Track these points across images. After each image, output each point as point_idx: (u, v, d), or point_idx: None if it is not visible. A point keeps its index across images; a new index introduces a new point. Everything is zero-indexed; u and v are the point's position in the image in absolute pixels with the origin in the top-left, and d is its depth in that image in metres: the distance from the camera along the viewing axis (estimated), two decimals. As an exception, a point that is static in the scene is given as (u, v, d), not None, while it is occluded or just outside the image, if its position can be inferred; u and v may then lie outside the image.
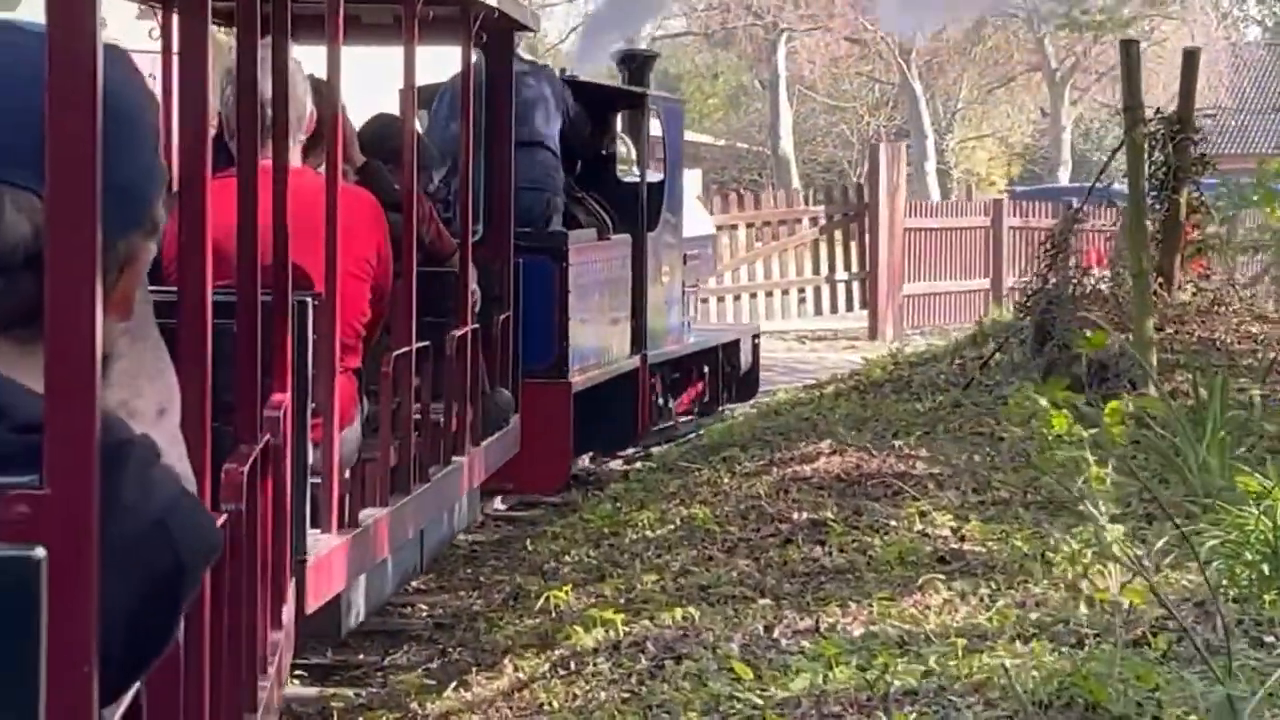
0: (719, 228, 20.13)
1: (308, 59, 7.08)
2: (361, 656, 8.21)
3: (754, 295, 22.96)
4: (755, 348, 15.23)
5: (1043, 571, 7.10)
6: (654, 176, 12.80)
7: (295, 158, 6.37)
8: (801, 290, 23.52)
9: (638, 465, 13.31)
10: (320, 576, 6.32)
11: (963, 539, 7.95)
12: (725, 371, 14.54)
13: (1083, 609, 6.01)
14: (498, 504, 11.61)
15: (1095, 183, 14.27)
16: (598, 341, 11.57)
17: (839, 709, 5.21)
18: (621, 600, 7.63)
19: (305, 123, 6.56)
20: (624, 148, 13.10)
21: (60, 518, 1.39)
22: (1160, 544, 6.61)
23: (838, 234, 23.85)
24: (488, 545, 10.60)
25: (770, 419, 12.36)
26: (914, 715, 4.97)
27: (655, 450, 13.70)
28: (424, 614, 8.93)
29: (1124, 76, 11.51)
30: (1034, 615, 6.39)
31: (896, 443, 9.85)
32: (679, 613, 6.99)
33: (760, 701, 5.48)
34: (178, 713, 2.86)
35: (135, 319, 1.93)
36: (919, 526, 8.13)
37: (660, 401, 13.13)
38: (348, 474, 6.78)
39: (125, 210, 1.81)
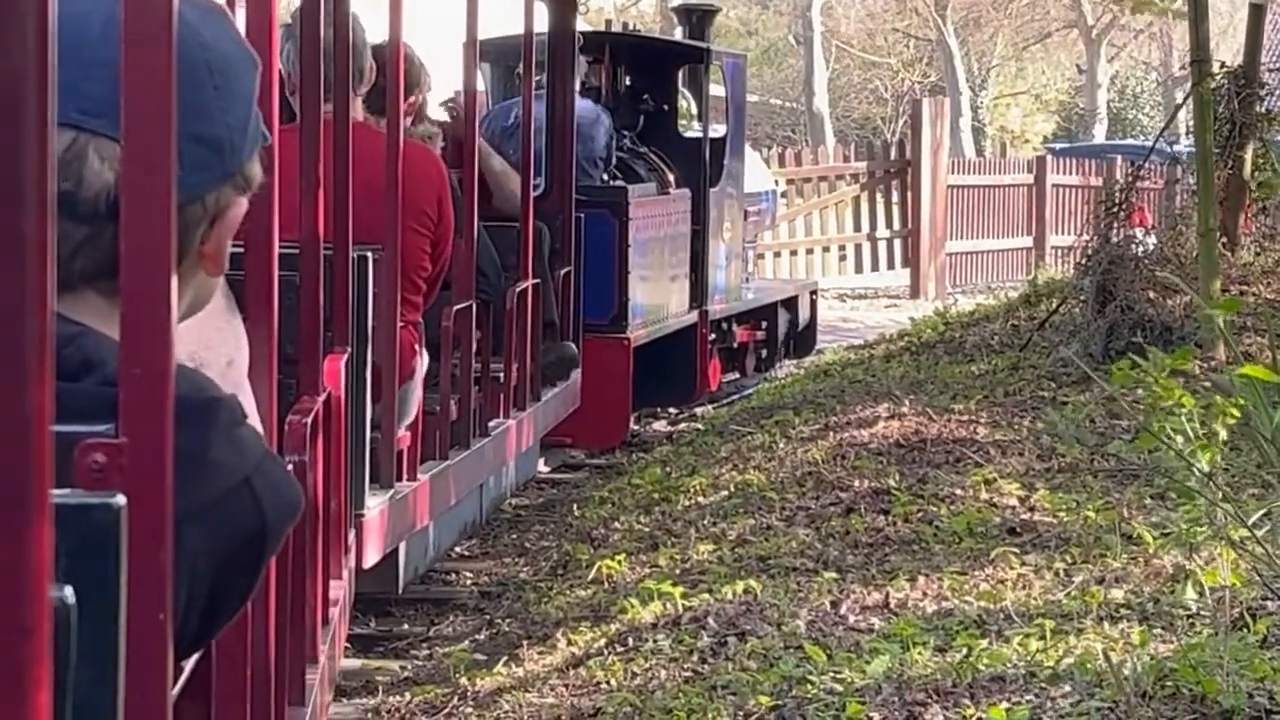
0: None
1: (371, 13, 6.96)
2: (406, 626, 7.92)
3: (794, 253, 22.61)
4: (813, 304, 15.17)
5: (1121, 546, 6.78)
6: (716, 131, 12.69)
7: (356, 112, 6.35)
8: (842, 248, 23.14)
9: (682, 427, 13.02)
10: (378, 531, 6.29)
11: (1032, 509, 7.64)
12: (784, 327, 14.46)
13: (1189, 591, 5.68)
14: (541, 466, 11.32)
15: (1158, 139, 13.89)
16: (657, 297, 11.56)
17: (923, 696, 4.90)
18: (677, 571, 7.33)
19: (365, 75, 6.50)
20: (685, 102, 13.05)
21: (136, 467, 1.38)
22: (1254, 519, 6.28)
23: (879, 191, 23.48)
24: (533, 510, 10.30)
25: (820, 380, 12.05)
26: (1005, 705, 4.66)
27: (700, 411, 13.40)
28: (469, 582, 8.64)
29: (1191, 28, 11.13)
30: (1117, 594, 6.07)
31: (956, 407, 9.53)
32: (740, 586, 6.69)
33: (837, 687, 5.18)
34: (245, 660, 2.83)
35: None
36: (985, 495, 7.82)
37: (719, 357, 13.06)
38: (407, 428, 6.73)
39: (217, 163, 1.79)
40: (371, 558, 6.26)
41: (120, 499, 1.34)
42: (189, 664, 1.79)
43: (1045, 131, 62.56)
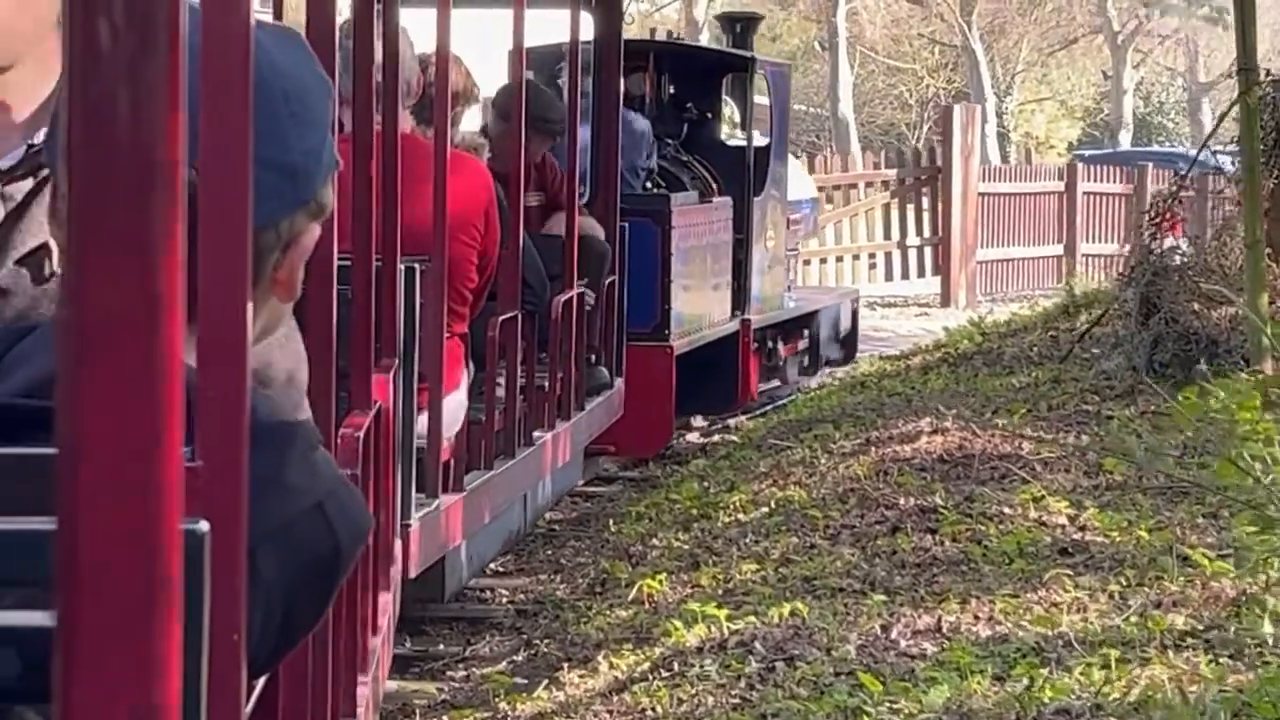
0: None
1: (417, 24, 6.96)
2: (442, 647, 7.75)
3: (824, 261, 22.42)
4: (854, 312, 15.22)
5: (1177, 568, 6.60)
6: (760, 140, 12.70)
7: (404, 123, 6.34)
8: (872, 256, 22.97)
9: (716, 439, 12.86)
10: (423, 541, 6.33)
11: (1082, 528, 7.46)
12: (825, 336, 14.49)
13: (1265, 625, 5.50)
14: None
15: (1202, 147, 13.69)
16: (700, 304, 11.58)
17: (986, 730, 4.73)
18: (720, 591, 7.16)
19: (412, 88, 6.52)
20: (729, 111, 13.05)
21: (212, 491, 1.40)
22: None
23: (909, 198, 23.29)
24: (566, 524, 10.14)
25: (857, 392, 11.88)
26: (1074, 741, 4.49)
27: (733, 422, 13.25)
28: (505, 599, 8.47)
29: (1238, 34, 10.94)
30: (1179, 620, 5.90)
31: (999, 421, 9.36)
32: (786, 608, 6.52)
33: (894, 718, 5.01)
34: (306, 673, 2.87)
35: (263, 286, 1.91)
36: (1034, 514, 7.64)
37: (761, 365, 13.09)
38: (453, 438, 6.78)
39: (290, 190, 1.80)
40: (417, 568, 6.29)
41: (204, 524, 1.33)
42: (259, 684, 1.82)
43: (1070, 138, 62.32)
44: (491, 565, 9.14)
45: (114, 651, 1.02)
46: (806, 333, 14.06)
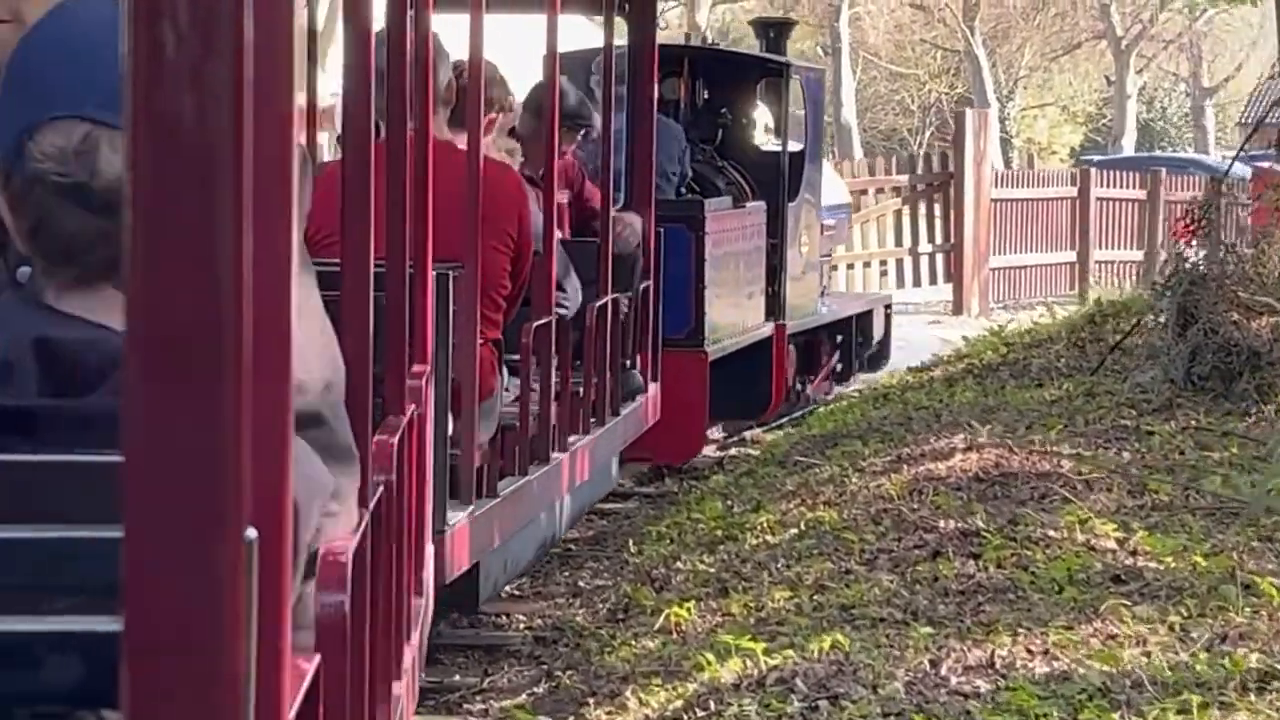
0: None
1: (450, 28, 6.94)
2: (458, 677, 7.36)
3: (834, 268, 22.06)
4: (887, 318, 15.17)
5: (1241, 597, 6.22)
6: (795, 145, 12.65)
7: (443, 131, 6.39)
8: (883, 263, 22.58)
9: (733, 452, 12.49)
10: (458, 547, 6.37)
11: (1133, 553, 7.08)
12: (859, 341, 14.45)
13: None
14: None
15: (1239, 152, 13.35)
16: (734, 310, 11.48)
17: (1062, 784, 4.34)
18: (752, 621, 6.78)
19: (444, 93, 6.51)
20: (764, 116, 12.94)
21: (260, 499, 1.35)
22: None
23: (920, 204, 22.92)
24: (583, 544, 9.75)
25: (880, 405, 11.49)
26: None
27: (749, 435, 12.89)
28: (522, 626, 8.08)
29: (1280, 36, 10.55)
30: (1251, 656, 5.51)
31: (1035, 438, 8.97)
32: (826, 641, 6.14)
33: (960, 769, 4.63)
34: (345, 675, 2.90)
35: (302, 294, 1.85)
36: (1081, 537, 7.26)
37: (794, 371, 12.98)
38: (486, 444, 6.79)
39: None
40: (452, 573, 6.32)
41: (252, 532, 1.30)
42: (303, 687, 1.86)
43: (1072, 143, 62.00)
44: (507, 588, 8.76)
45: (176, 656, 1.04)
46: (840, 338, 13.99)
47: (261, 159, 1.22)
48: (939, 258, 22.88)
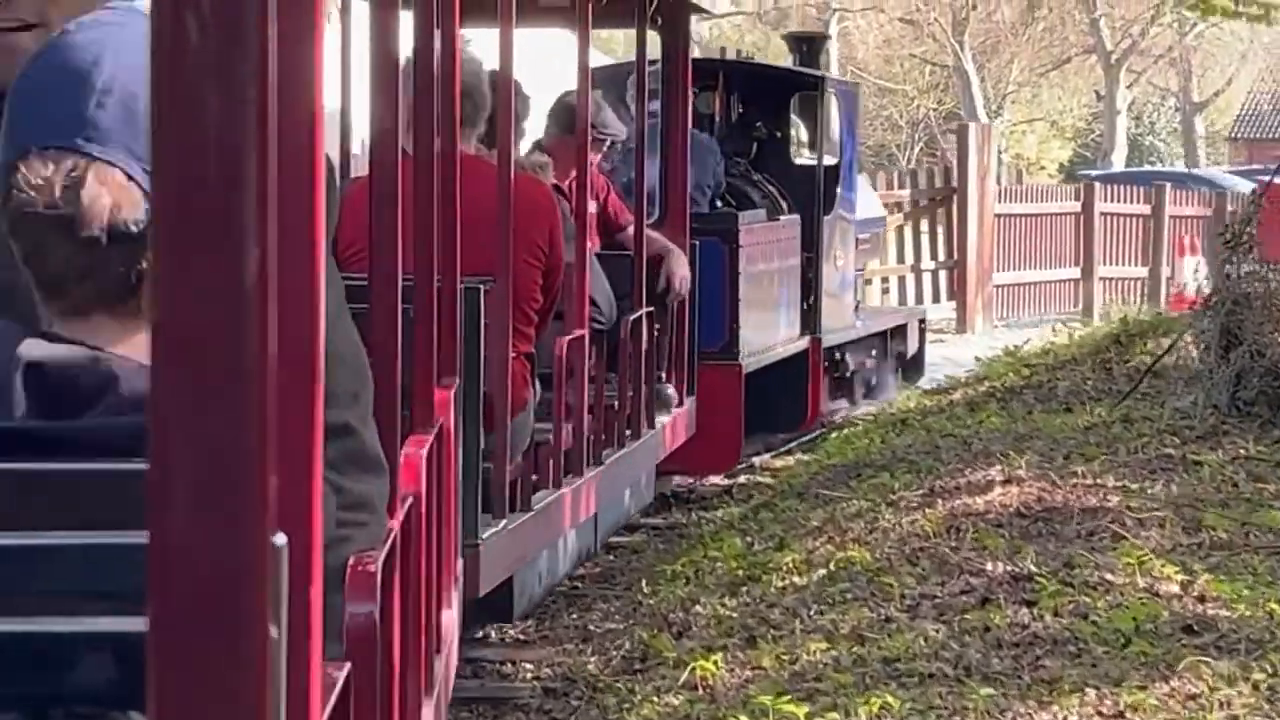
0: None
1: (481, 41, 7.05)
2: (462, 736, 6.76)
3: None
4: (921, 332, 15.30)
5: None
6: (829, 159, 12.70)
7: (471, 146, 6.38)
8: (885, 280, 21.98)
9: (742, 479, 11.90)
10: (492, 560, 6.40)
11: (1201, 599, 6.49)
12: (894, 355, 14.48)
13: None
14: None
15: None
16: (769, 323, 11.54)
17: None
18: (786, 675, 6.18)
19: (481, 110, 6.54)
20: (798, 130, 12.99)
21: (288, 506, 1.30)
22: None
23: (923, 220, 22.32)
24: (590, 581, 9.15)
25: (900, 431, 10.89)
26: None
27: (758, 461, 12.32)
28: (530, 675, 7.47)
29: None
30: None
31: (1076, 469, 8.37)
32: (874, 702, 5.55)
33: None
34: (375, 685, 2.84)
35: (331, 306, 1.81)
36: (1142, 581, 6.66)
37: (830, 384, 13.06)
38: (520, 458, 6.82)
39: None
40: (485, 587, 6.38)
41: (281, 537, 1.22)
42: (333, 698, 1.88)
43: (1061, 158, 61.56)
44: (510, 633, 8.16)
45: (204, 659, 1.05)
46: (875, 353, 13.97)
47: (287, 163, 1.17)
48: (942, 274, 22.29)
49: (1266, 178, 27.46)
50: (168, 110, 0.98)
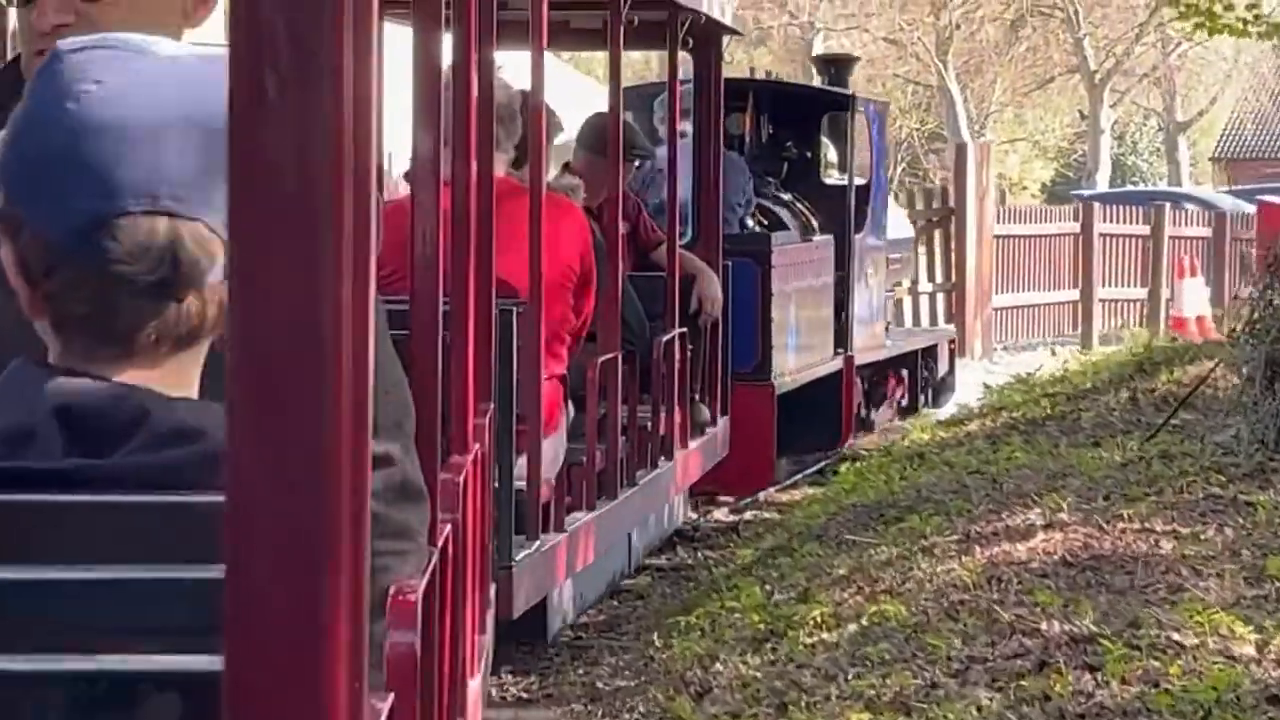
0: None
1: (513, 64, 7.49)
2: (464, 815, 6.11)
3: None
4: (952, 353, 15.46)
5: None
6: (859, 179, 12.72)
7: (502, 168, 6.37)
8: (881, 303, 21.40)
9: (748, 516, 11.30)
10: (526, 582, 6.42)
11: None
12: (925, 375, 14.50)
13: None
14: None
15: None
16: (802, 343, 11.56)
17: None
18: (826, 750, 5.56)
19: (514, 134, 6.59)
20: (828, 150, 12.98)
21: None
22: None
23: (920, 241, 21.72)
24: (595, 631, 8.53)
25: (919, 466, 10.28)
26: None
27: (762, 496, 11.73)
28: (535, 742, 6.86)
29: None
30: None
31: (1122, 511, 7.76)
32: (931, 785, 4.92)
33: None
34: (416, 714, 2.73)
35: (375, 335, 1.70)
36: (1213, 642, 6.05)
37: (862, 404, 13.08)
38: (554, 480, 6.83)
39: None
40: (520, 609, 6.40)
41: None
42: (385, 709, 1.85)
43: (1043, 178, 61.10)
44: (511, 691, 7.54)
45: (280, 697, 1.03)
46: (906, 372, 13.95)
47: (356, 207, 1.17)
48: (939, 297, 21.70)
49: (1266, 198, 26.98)
50: (245, 165, 1.01)
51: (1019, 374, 13.99)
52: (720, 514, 11.35)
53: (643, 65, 33.86)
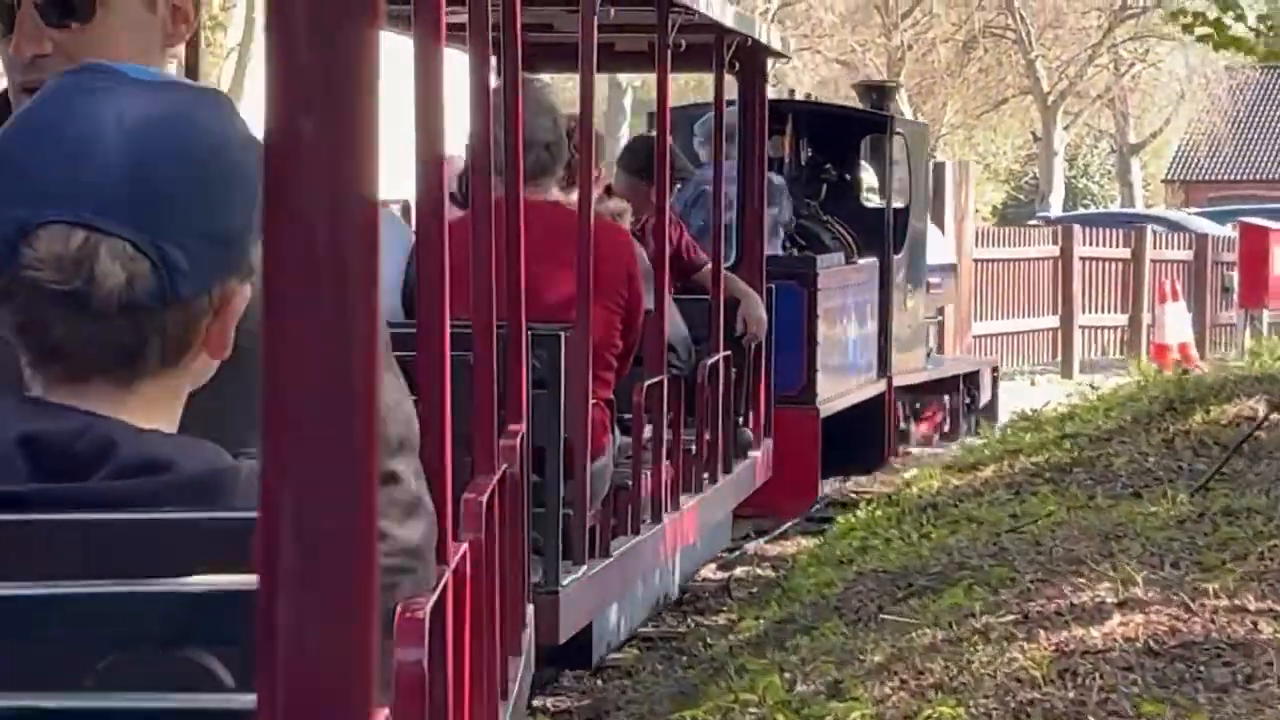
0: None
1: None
2: None
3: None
4: (995, 380, 15.41)
5: None
6: (898, 201, 12.66)
7: (554, 192, 6.55)
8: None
9: (739, 572, 10.17)
10: (572, 607, 6.39)
11: None
12: (967, 401, 14.48)
13: None
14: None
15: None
16: (845, 366, 11.57)
17: None
18: None
19: (561, 157, 6.59)
20: (868, 172, 12.94)
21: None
22: None
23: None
24: (579, 718, 7.36)
25: (937, 521, 9.11)
26: None
27: (751, 547, 10.65)
28: None
29: None
30: None
31: (1206, 586, 6.62)
32: None
33: None
34: None
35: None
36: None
37: (904, 427, 13.07)
38: (599, 504, 6.83)
39: (224, 257, 1.89)
40: (566, 634, 6.39)
41: None
42: None
43: (994, 201, 60.31)
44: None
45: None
46: (948, 397, 13.98)
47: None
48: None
49: (1250, 219, 25.94)
50: (280, 215, 1.01)
51: (1022, 410, 12.88)
52: (709, 570, 10.21)
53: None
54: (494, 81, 4.89)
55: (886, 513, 9.98)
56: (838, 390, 11.32)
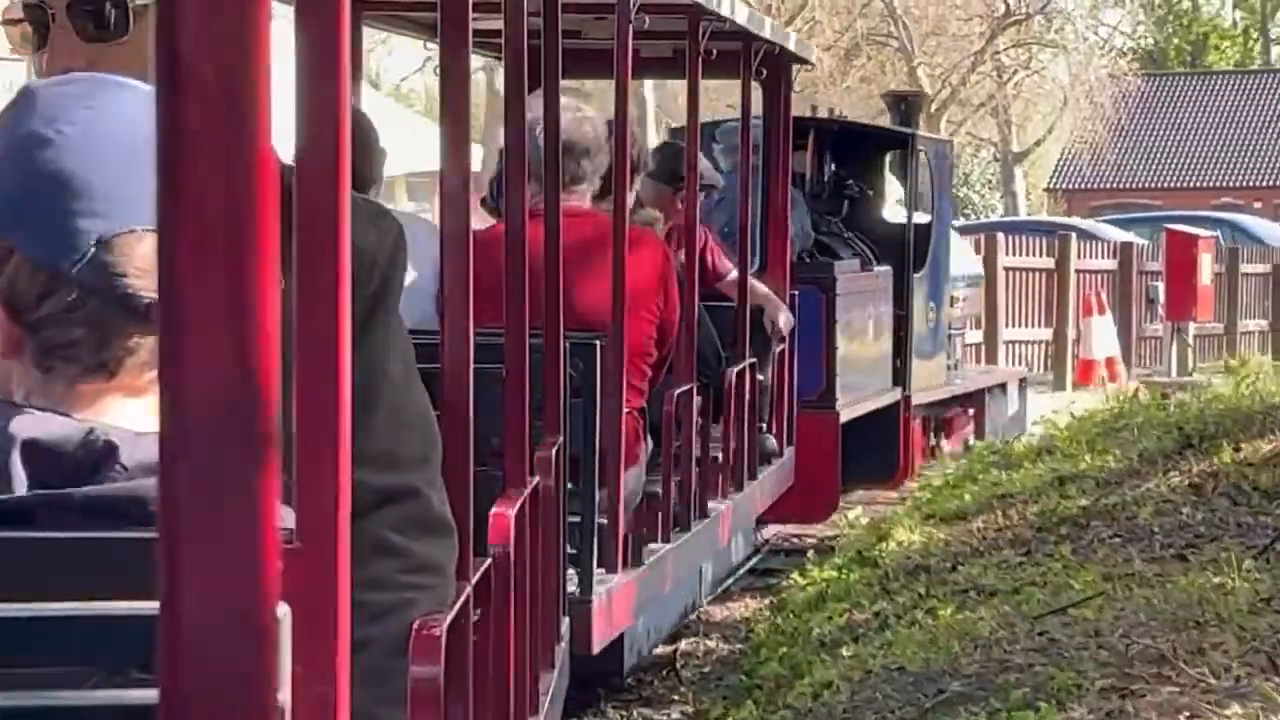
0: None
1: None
2: None
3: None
4: (1023, 393, 15.29)
5: None
6: (921, 217, 12.66)
7: (587, 201, 6.58)
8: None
9: (684, 645, 8.55)
10: (606, 616, 6.36)
11: None
12: (990, 417, 14.21)
13: None
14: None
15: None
16: (863, 372, 11.56)
17: None
18: None
19: (598, 166, 6.59)
20: (891, 188, 12.98)
21: (310, 573, 1.34)
22: None
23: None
24: None
25: (941, 594, 7.46)
26: None
27: (715, 611, 9.09)
28: None
29: None
30: None
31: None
32: None
33: None
34: None
35: (399, 369, 2.16)
36: None
37: (925, 441, 13.03)
38: (631, 513, 6.75)
39: None
40: (599, 644, 6.33)
41: (283, 608, 1.19)
42: None
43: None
44: None
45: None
46: (973, 411, 13.83)
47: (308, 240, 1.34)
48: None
49: (1177, 226, 24.55)
50: (173, 191, 1.01)
51: (991, 442, 11.34)
52: (661, 648, 8.60)
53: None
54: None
55: (863, 575, 8.33)
56: (855, 395, 11.29)
